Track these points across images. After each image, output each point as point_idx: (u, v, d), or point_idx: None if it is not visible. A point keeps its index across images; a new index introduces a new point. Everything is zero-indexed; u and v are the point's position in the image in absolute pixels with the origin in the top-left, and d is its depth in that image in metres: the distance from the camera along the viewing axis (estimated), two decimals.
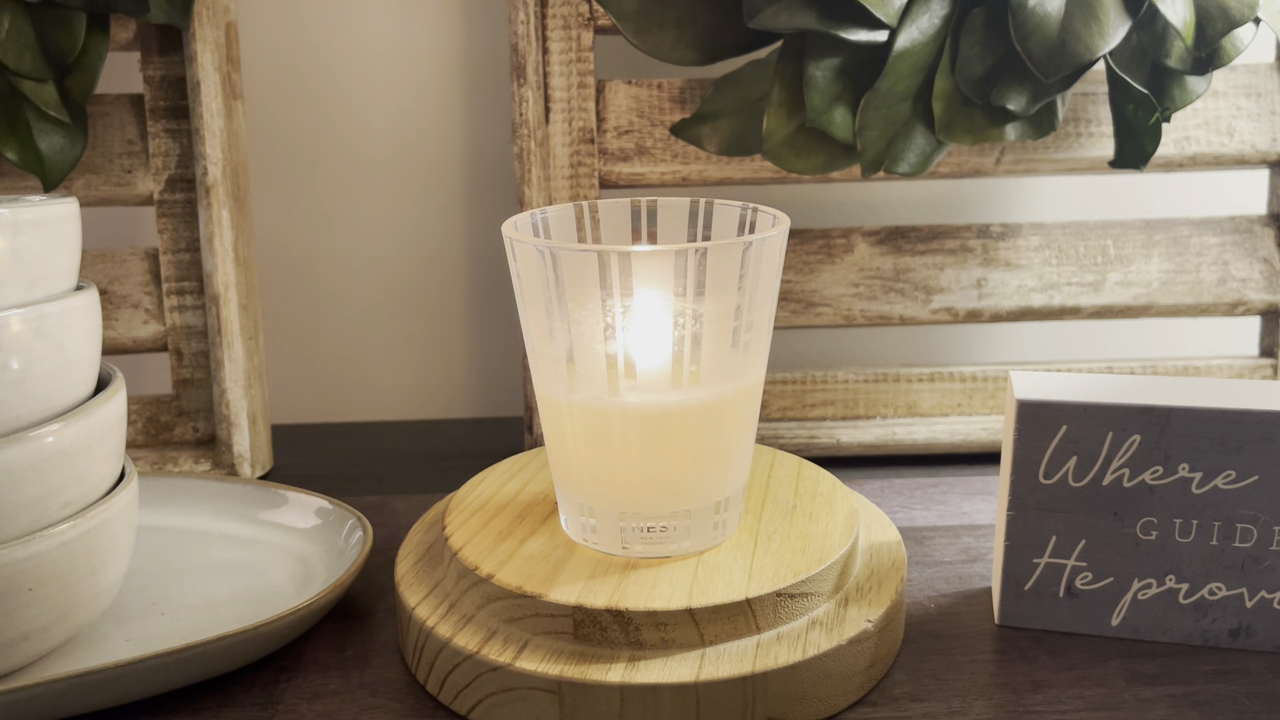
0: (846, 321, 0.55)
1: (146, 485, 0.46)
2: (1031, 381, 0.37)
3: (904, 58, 0.46)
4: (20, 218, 0.33)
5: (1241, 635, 0.36)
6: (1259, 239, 0.55)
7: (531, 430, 0.55)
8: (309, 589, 0.39)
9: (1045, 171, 0.54)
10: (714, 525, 0.36)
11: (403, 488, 0.53)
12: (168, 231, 0.53)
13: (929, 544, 0.44)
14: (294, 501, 0.45)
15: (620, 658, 0.32)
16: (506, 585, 0.34)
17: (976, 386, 0.56)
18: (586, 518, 0.36)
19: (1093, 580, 0.37)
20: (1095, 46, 0.44)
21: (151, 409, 0.55)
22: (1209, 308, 0.55)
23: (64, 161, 0.50)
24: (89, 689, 0.32)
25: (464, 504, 0.40)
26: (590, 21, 0.52)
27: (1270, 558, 0.35)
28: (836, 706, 0.34)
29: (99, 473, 0.35)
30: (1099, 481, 0.36)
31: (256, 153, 0.61)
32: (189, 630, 0.37)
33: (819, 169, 0.49)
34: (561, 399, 0.35)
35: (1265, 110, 0.54)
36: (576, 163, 0.53)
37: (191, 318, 0.54)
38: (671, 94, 0.53)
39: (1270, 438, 0.34)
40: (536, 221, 0.38)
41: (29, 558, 0.32)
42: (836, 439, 0.55)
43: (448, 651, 0.33)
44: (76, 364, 0.35)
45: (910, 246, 0.55)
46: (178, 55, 0.52)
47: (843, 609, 0.35)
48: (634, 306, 0.33)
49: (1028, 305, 0.55)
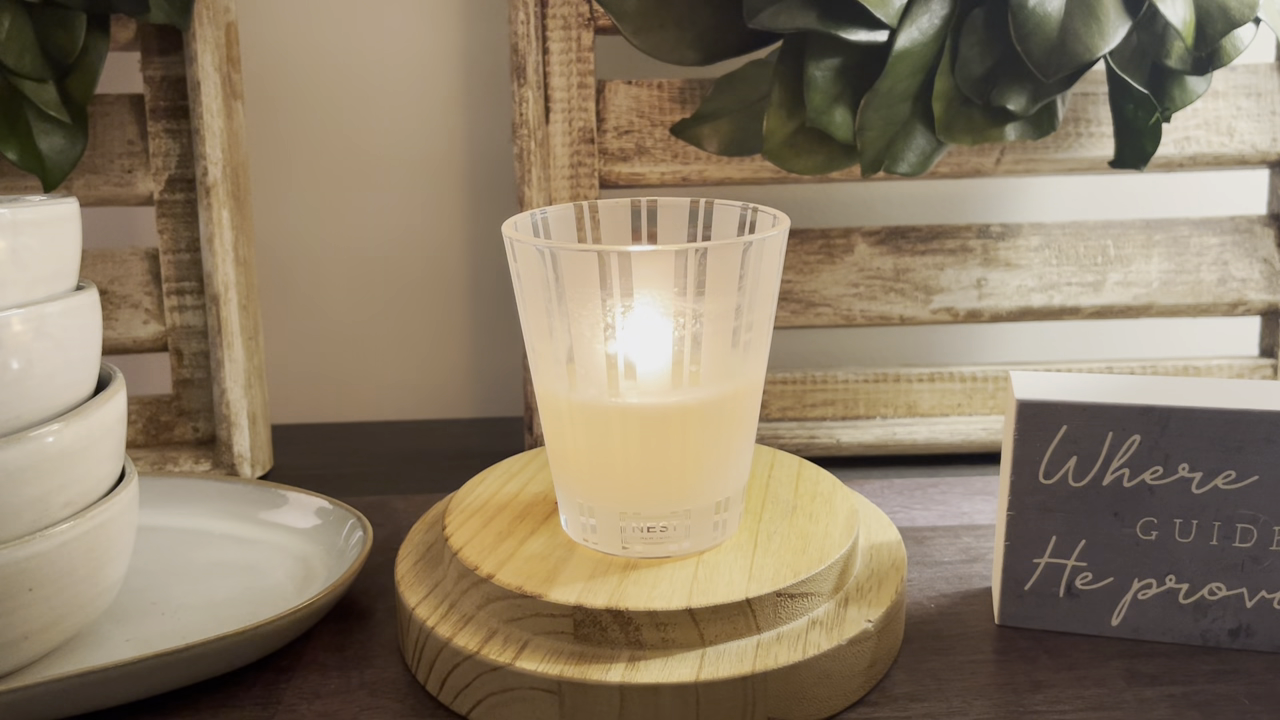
0: (846, 321, 0.55)
1: (146, 485, 0.46)
2: (1031, 381, 0.37)
3: (904, 58, 0.46)
4: (20, 218, 0.33)
5: (1241, 635, 0.36)
6: (1259, 239, 0.55)
7: (531, 430, 0.55)
8: (309, 589, 0.39)
9: (1045, 171, 0.54)
10: (714, 525, 0.36)
11: (403, 488, 0.53)
12: (168, 231, 0.53)
13: (929, 544, 0.44)
14: (294, 501, 0.45)
15: (620, 658, 0.32)
16: (506, 585, 0.34)
17: (976, 386, 0.56)
18: (586, 518, 0.36)
19: (1093, 580, 0.37)
20: (1095, 46, 0.44)
21: (151, 409, 0.55)
22: (1209, 308, 0.55)
23: (64, 161, 0.50)
24: (89, 689, 0.32)
25: (464, 504, 0.40)
26: (590, 21, 0.52)
27: (1270, 558, 0.35)
28: (836, 706, 0.34)
29: (99, 473, 0.35)
30: (1099, 481, 0.36)
31: (256, 153, 0.61)
32: (189, 630, 0.37)
33: (819, 169, 0.49)
34: (561, 399, 0.35)
35: (1265, 110, 0.54)
36: (576, 163, 0.53)
37: (191, 318, 0.54)
38: (671, 94, 0.53)
39: (1270, 438, 0.34)
40: (536, 221, 0.38)
41: (29, 558, 0.32)
42: (836, 439, 0.55)
43: (448, 651, 0.33)
44: (76, 364, 0.35)
45: (910, 246, 0.55)
46: (178, 55, 0.52)
47: (843, 609, 0.35)
48: (634, 306, 0.33)
49: (1028, 305, 0.55)
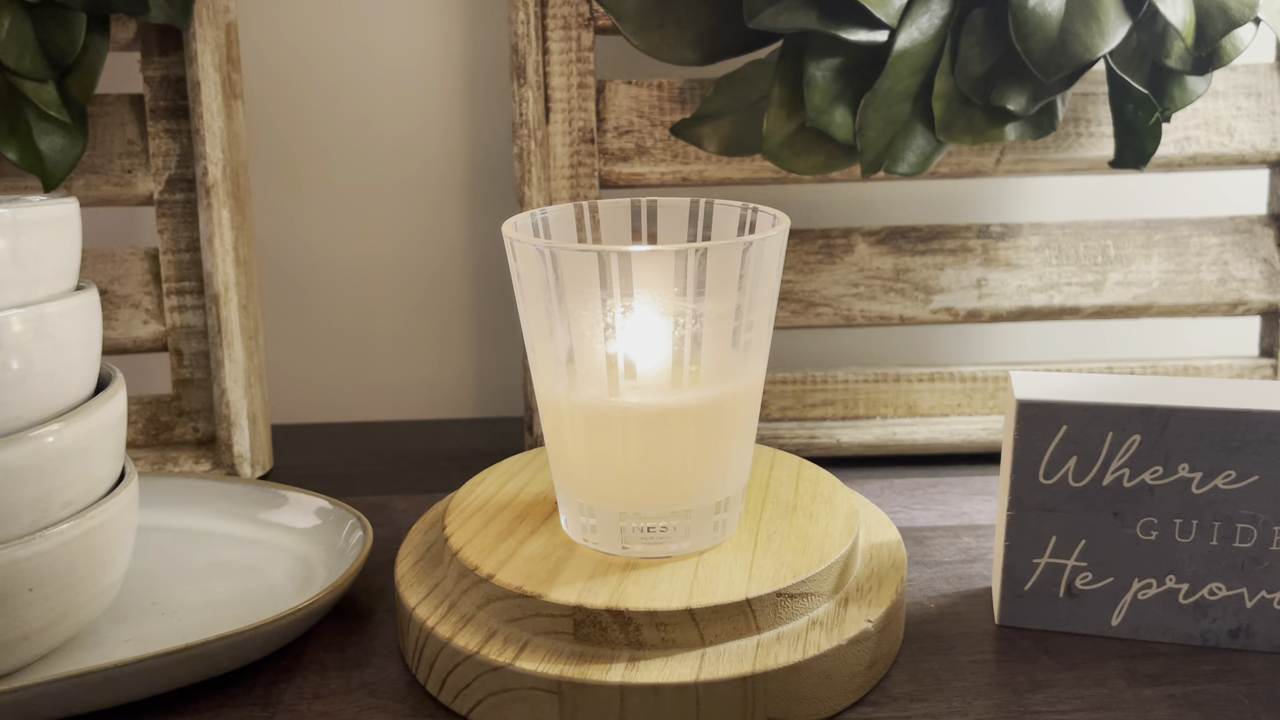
0: (846, 321, 0.55)
1: (146, 485, 0.46)
2: (1031, 381, 0.37)
3: (904, 58, 0.46)
4: (20, 218, 0.33)
5: (1241, 635, 0.36)
6: (1259, 239, 0.55)
7: (531, 430, 0.55)
8: (309, 589, 0.39)
9: (1045, 171, 0.54)
10: (714, 525, 0.36)
11: (403, 488, 0.53)
12: (168, 231, 0.53)
13: (929, 544, 0.44)
14: (294, 501, 0.45)
15: (620, 658, 0.32)
16: (506, 585, 0.34)
17: (976, 386, 0.56)
18: (586, 518, 0.36)
19: (1093, 580, 0.37)
20: (1095, 46, 0.44)
21: (151, 409, 0.55)
22: (1209, 308, 0.55)
23: (64, 161, 0.50)
24: (89, 689, 0.32)
25: (464, 504, 0.40)
26: (590, 21, 0.52)
27: (1270, 558, 0.35)
28: (836, 706, 0.34)
29: (99, 473, 0.35)
30: (1099, 481, 0.36)
31: (256, 153, 0.61)
32: (189, 630, 0.37)
33: (819, 169, 0.49)
34: (561, 399, 0.35)
35: (1265, 110, 0.54)
36: (576, 163, 0.53)
37: (191, 318, 0.54)
38: (671, 94, 0.53)
39: (1270, 438, 0.34)
40: (536, 221, 0.38)
41: (29, 558, 0.32)
42: (836, 439, 0.55)
43: (448, 651, 0.33)
44: (76, 364, 0.35)
45: (910, 246, 0.55)
46: (178, 55, 0.52)
47: (843, 609, 0.35)
48: (634, 306, 0.33)
49: (1028, 305, 0.55)
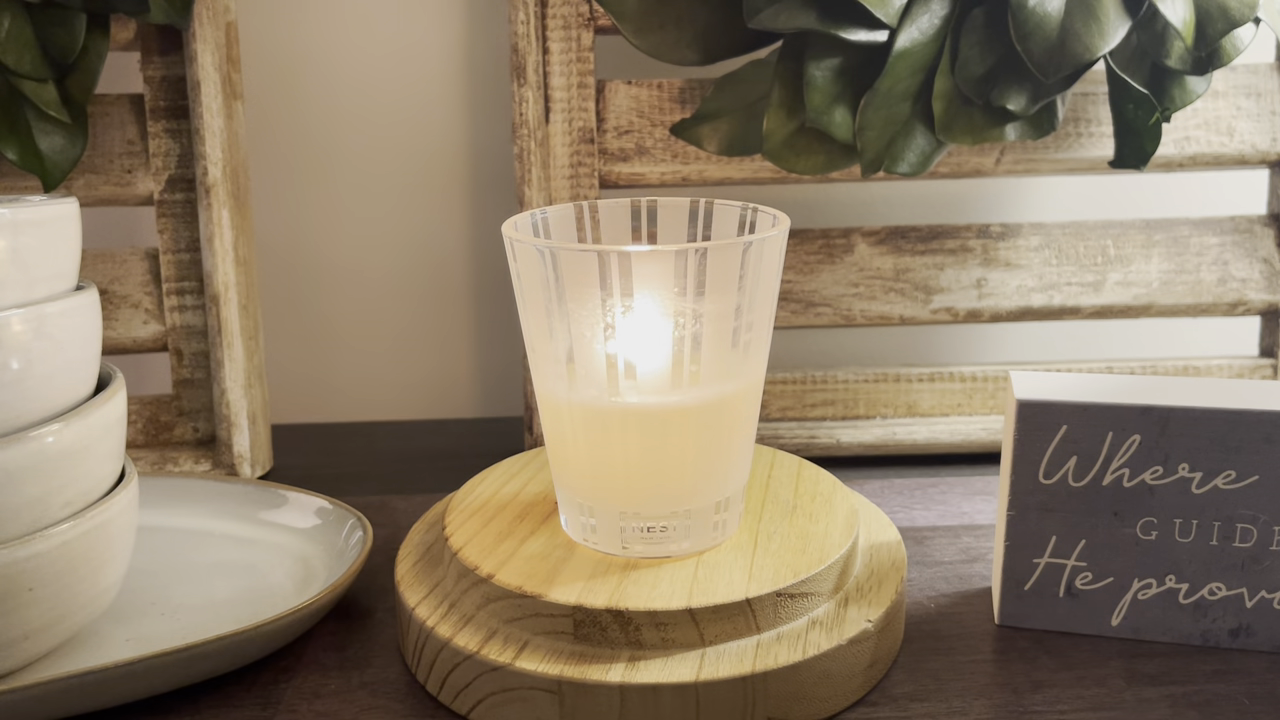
0: (846, 321, 0.55)
1: (146, 485, 0.46)
2: (1031, 381, 0.37)
3: (904, 58, 0.46)
4: (20, 218, 0.33)
5: (1241, 635, 0.36)
6: (1259, 239, 0.55)
7: (531, 430, 0.55)
8: (309, 589, 0.39)
9: (1045, 171, 0.54)
10: (714, 525, 0.36)
11: (403, 488, 0.53)
12: (168, 231, 0.53)
13: (929, 544, 0.44)
14: (294, 501, 0.45)
15: (620, 658, 0.32)
16: (506, 585, 0.34)
17: (976, 386, 0.56)
18: (586, 518, 0.36)
19: (1093, 580, 0.37)
20: (1095, 46, 0.44)
21: (151, 409, 0.55)
22: (1209, 308, 0.55)
23: (64, 161, 0.50)
24: (89, 689, 0.32)
25: (464, 504, 0.40)
26: (590, 21, 0.52)
27: (1270, 558, 0.35)
28: (836, 706, 0.34)
29: (99, 473, 0.35)
30: (1099, 481, 0.36)
31: (256, 153, 0.61)
32: (189, 630, 0.37)
33: (819, 169, 0.49)
34: (561, 399, 0.35)
35: (1265, 110, 0.54)
36: (576, 163, 0.53)
37: (191, 318, 0.54)
38: (671, 94, 0.53)
39: (1270, 438, 0.34)
40: (536, 221, 0.38)
41: (29, 558, 0.32)
42: (836, 439, 0.55)
43: (448, 651, 0.33)
44: (76, 364, 0.35)
45: (910, 246, 0.55)
46: (178, 55, 0.52)
47: (843, 609, 0.35)
48: (634, 306, 0.33)
49: (1028, 305, 0.55)
